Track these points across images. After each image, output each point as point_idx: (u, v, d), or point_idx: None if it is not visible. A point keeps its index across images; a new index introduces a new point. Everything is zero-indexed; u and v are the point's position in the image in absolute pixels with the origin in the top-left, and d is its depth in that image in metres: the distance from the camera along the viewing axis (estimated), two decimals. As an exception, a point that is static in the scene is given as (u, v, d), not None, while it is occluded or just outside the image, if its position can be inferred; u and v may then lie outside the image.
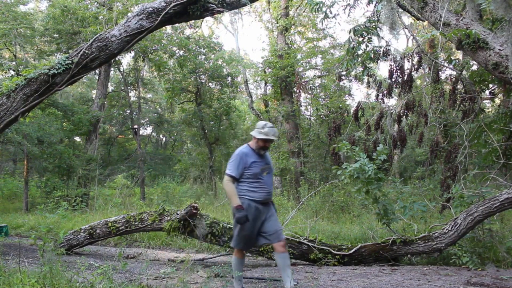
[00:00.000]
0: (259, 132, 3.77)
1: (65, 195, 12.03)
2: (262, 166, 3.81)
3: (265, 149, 3.84)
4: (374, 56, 7.08)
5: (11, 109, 5.81)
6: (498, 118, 6.90)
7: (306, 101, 16.71)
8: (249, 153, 3.81)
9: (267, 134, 3.74)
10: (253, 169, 3.76)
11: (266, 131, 3.75)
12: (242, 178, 3.79)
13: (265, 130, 3.75)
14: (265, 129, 3.75)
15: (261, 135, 3.75)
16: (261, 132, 3.76)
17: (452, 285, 4.10)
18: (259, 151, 3.81)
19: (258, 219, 3.77)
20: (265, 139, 3.77)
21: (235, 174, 3.75)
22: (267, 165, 3.88)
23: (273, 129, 3.79)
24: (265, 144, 3.79)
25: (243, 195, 3.77)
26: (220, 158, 18.17)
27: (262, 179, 3.81)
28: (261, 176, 3.80)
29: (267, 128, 3.76)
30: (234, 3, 6.97)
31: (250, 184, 3.78)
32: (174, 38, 15.10)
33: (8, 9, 13.20)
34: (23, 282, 3.19)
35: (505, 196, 4.62)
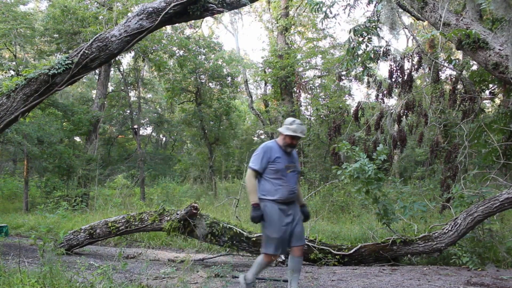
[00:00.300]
0: (287, 128, 3.62)
1: (65, 195, 12.02)
2: (287, 163, 3.66)
3: (292, 146, 3.69)
4: (374, 56, 7.09)
5: (11, 109, 5.81)
6: (498, 118, 6.90)
7: (306, 101, 16.71)
8: (274, 148, 3.68)
9: (295, 131, 3.60)
10: (277, 165, 3.62)
11: (294, 128, 3.60)
12: (265, 174, 3.64)
13: (293, 126, 3.60)
14: (293, 126, 3.60)
15: (289, 132, 3.60)
16: (289, 128, 3.61)
17: (452, 285, 4.10)
18: (286, 148, 3.67)
19: (285, 220, 3.59)
20: (293, 136, 3.62)
21: (258, 168, 3.61)
22: (292, 163, 3.72)
23: (301, 126, 3.64)
24: (292, 141, 3.65)
25: (264, 196, 3.62)
26: (220, 158, 18.19)
27: (285, 176, 3.64)
28: (284, 174, 3.64)
29: (295, 125, 3.61)
30: (234, 3, 6.97)
31: (272, 181, 3.62)
32: (174, 38, 15.10)
33: (8, 9, 13.20)
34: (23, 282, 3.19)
35: (505, 196, 4.62)
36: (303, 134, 3.64)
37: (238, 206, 8.45)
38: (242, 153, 20.10)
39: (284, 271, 4.98)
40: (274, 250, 3.55)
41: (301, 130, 3.62)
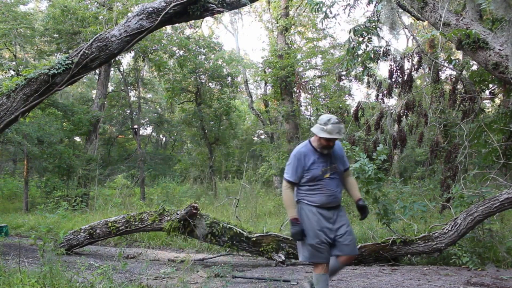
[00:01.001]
0: (321, 129, 3.12)
1: (65, 195, 12.02)
2: (323, 168, 3.21)
3: (329, 148, 3.20)
4: (374, 56, 7.09)
5: (11, 109, 5.81)
6: (498, 118, 6.90)
7: (306, 101, 16.73)
8: (308, 153, 3.22)
9: (330, 132, 3.09)
10: (312, 172, 3.19)
11: (330, 129, 3.09)
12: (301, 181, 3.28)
13: (329, 127, 3.09)
14: (328, 126, 3.09)
15: (324, 134, 3.10)
16: (323, 129, 3.11)
17: (452, 285, 4.10)
18: (322, 151, 3.20)
19: (323, 224, 3.18)
20: (328, 138, 3.13)
21: (294, 179, 3.21)
22: (332, 165, 3.25)
23: (338, 126, 3.11)
24: (328, 143, 3.15)
25: (301, 198, 3.29)
26: (220, 158, 18.18)
27: (323, 181, 3.21)
28: (321, 178, 3.21)
29: (330, 125, 3.09)
30: (234, 3, 6.97)
31: (309, 187, 3.24)
32: (174, 38, 15.10)
33: (8, 9, 13.20)
34: (23, 282, 3.19)
35: (505, 196, 4.62)
36: (340, 135, 3.14)
37: (238, 206, 8.45)
38: (242, 153, 20.11)
39: (284, 271, 4.99)
40: (308, 257, 3.18)
41: (338, 130, 3.11)
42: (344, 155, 3.40)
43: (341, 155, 3.36)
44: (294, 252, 5.52)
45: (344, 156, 3.40)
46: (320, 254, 3.14)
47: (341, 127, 3.15)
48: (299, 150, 3.27)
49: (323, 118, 3.17)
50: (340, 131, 3.12)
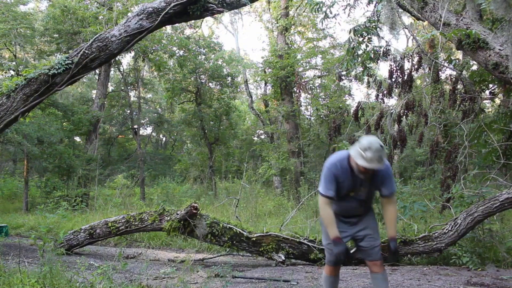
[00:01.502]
0: (360, 155, 2.74)
1: (65, 195, 12.02)
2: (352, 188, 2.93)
3: (367, 174, 2.83)
4: (374, 56, 7.09)
5: (11, 109, 5.81)
6: (498, 118, 6.90)
7: (306, 101, 16.75)
8: (344, 170, 2.89)
9: (369, 161, 2.71)
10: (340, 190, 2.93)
11: (369, 157, 2.70)
12: None
13: (368, 155, 2.70)
14: (368, 155, 2.70)
15: (361, 161, 2.73)
16: (362, 156, 2.73)
17: (452, 285, 4.10)
18: (358, 174, 2.85)
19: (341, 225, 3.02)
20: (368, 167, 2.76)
21: (332, 194, 2.88)
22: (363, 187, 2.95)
23: (378, 153, 2.70)
24: (366, 171, 2.79)
25: None
26: (220, 158, 18.17)
27: (345, 200, 2.98)
28: (344, 197, 2.97)
29: (370, 154, 2.69)
30: (234, 3, 6.97)
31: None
32: (174, 38, 15.09)
33: (8, 9, 13.20)
34: (23, 282, 3.19)
35: (505, 196, 4.62)
36: (381, 164, 2.75)
37: (238, 206, 8.45)
38: (242, 153, 20.10)
39: (284, 271, 4.98)
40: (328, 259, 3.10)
41: (378, 159, 2.71)
42: (388, 178, 2.93)
43: (384, 178, 2.92)
44: (294, 252, 5.52)
45: (387, 180, 2.93)
46: (329, 256, 3.08)
47: (383, 155, 2.75)
48: (335, 164, 2.94)
49: (364, 143, 2.76)
50: (381, 160, 2.75)
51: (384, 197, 2.97)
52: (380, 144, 2.75)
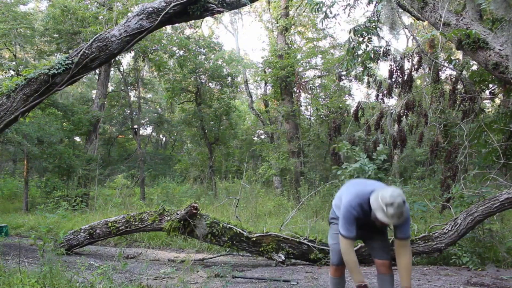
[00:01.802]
0: (381, 210, 2.69)
1: (65, 195, 12.01)
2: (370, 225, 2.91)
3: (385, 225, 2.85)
4: (374, 56, 7.09)
5: (11, 109, 5.81)
6: (498, 118, 6.90)
7: (306, 101, 16.74)
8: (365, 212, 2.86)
9: (390, 217, 2.68)
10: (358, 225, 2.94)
11: (390, 214, 2.67)
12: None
13: (390, 212, 2.66)
14: (389, 211, 2.66)
15: (382, 216, 2.70)
16: (384, 212, 2.68)
17: (452, 285, 4.10)
18: (376, 223, 2.84)
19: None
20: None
21: (354, 235, 2.87)
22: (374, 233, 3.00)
23: (400, 210, 2.66)
24: (384, 224, 2.79)
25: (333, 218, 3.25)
26: (220, 158, 18.17)
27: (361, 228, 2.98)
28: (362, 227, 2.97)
29: (392, 210, 2.66)
30: (234, 3, 6.97)
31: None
32: (174, 38, 15.09)
33: (8, 9, 13.19)
34: (23, 282, 3.19)
35: (505, 196, 4.62)
36: (400, 220, 2.73)
37: (238, 206, 8.45)
38: (242, 153, 20.10)
39: (284, 271, 4.98)
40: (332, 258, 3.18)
41: (399, 216, 2.69)
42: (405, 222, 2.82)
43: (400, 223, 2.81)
44: (294, 252, 5.52)
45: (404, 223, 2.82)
46: (333, 256, 3.12)
47: (403, 211, 2.69)
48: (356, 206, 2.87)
49: (386, 198, 2.69)
50: (401, 217, 2.70)
51: (397, 239, 2.88)
52: (402, 199, 2.68)
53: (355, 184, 3.14)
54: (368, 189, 2.89)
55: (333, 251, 3.14)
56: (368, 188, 2.91)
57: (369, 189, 2.88)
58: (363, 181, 3.25)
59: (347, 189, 3.11)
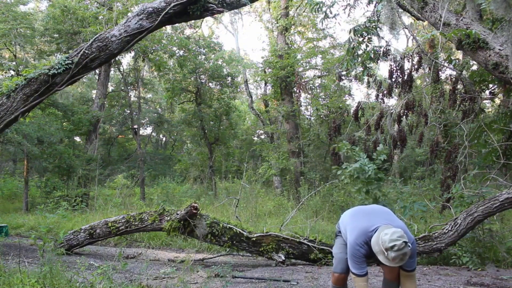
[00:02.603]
0: (382, 252, 2.66)
1: (65, 195, 12.02)
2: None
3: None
4: (374, 56, 7.09)
5: (11, 109, 5.81)
6: (498, 118, 6.90)
7: (306, 101, 16.74)
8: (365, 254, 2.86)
9: (392, 260, 2.64)
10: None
11: (392, 257, 2.61)
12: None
13: (391, 255, 2.61)
14: (391, 254, 2.60)
15: (383, 259, 2.68)
16: (384, 254, 2.65)
17: (452, 285, 4.10)
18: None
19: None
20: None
21: (366, 271, 2.88)
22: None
23: (402, 252, 2.59)
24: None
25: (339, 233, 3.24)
26: (220, 158, 18.17)
27: None
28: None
29: (394, 254, 2.60)
30: (234, 3, 6.97)
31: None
32: (174, 38, 15.09)
33: (8, 9, 13.20)
34: (23, 282, 3.19)
35: (505, 196, 4.62)
36: (404, 262, 2.68)
37: (238, 206, 8.45)
38: (242, 153, 20.10)
39: (284, 271, 4.98)
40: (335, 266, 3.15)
41: (402, 258, 2.62)
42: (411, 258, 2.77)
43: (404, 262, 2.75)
44: (294, 252, 5.52)
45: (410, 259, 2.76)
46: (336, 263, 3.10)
47: (406, 253, 2.61)
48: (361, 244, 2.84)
49: (386, 242, 2.63)
50: (404, 258, 2.63)
51: (403, 270, 2.84)
52: (404, 241, 2.59)
53: (359, 217, 3.06)
54: (372, 224, 2.85)
55: (337, 260, 3.13)
56: (372, 222, 2.86)
57: (373, 225, 2.83)
58: (367, 212, 3.14)
59: (352, 222, 3.06)
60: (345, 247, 3.01)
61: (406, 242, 2.60)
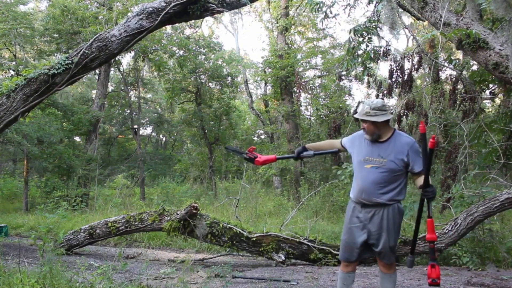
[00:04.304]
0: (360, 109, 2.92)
1: (65, 195, 12.01)
2: (366, 156, 2.88)
3: (369, 133, 2.87)
4: (374, 56, 7.08)
5: (11, 109, 5.81)
6: (498, 118, 6.90)
7: (306, 101, 16.74)
8: (360, 136, 3.02)
9: (359, 113, 2.87)
10: (353, 157, 3.02)
11: (360, 109, 2.87)
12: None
13: (359, 108, 2.89)
14: (359, 107, 3.10)
15: (356, 115, 2.93)
16: (357, 111, 2.93)
17: (452, 285, 4.10)
18: (366, 135, 2.92)
19: (353, 220, 2.95)
20: (363, 120, 2.87)
21: (341, 139, 3.25)
22: (380, 157, 2.82)
23: (368, 106, 2.82)
24: (364, 125, 2.89)
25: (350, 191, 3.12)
26: (220, 158, 18.17)
27: (361, 172, 2.90)
28: (362, 168, 2.90)
29: (361, 105, 2.89)
30: (234, 3, 6.97)
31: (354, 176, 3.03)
32: (174, 38, 15.10)
33: (8, 9, 13.19)
34: (23, 282, 3.19)
35: (505, 196, 4.62)
36: (370, 117, 2.79)
37: (238, 206, 8.45)
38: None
39: (284, 271, 4.98)
40: (340, 253, 3.07)
41: (367, 112, 2.81)
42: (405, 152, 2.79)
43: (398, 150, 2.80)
44: (294, 252, 5.52)
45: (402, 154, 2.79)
46: (349, 252, 2.98)
47: (371, 108, 2.79)
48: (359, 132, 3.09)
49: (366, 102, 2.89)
50: (368, 113, 2.78)
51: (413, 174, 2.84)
52: (380, 101, 2.83)
53: None
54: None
55: (340, 246, 3.09)
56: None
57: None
58: None
59: None
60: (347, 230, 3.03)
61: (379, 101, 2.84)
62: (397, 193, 2.84)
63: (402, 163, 2.80)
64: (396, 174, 2.82)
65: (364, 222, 2.89)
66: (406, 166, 2.82)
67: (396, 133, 2.91)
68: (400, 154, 2.80)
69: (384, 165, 2.81)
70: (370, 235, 2.88)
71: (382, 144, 2.86)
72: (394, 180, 2.83)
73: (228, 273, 4.57)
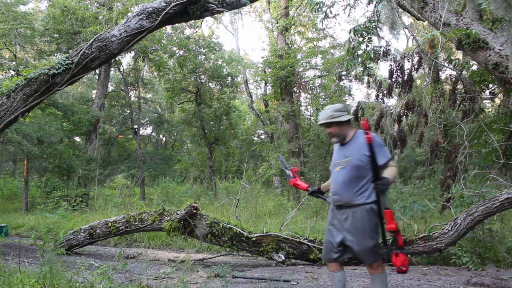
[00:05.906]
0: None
1: (65, 195, 12.02)
2: (337, 160, 3.06)
3: (332, 136, 3.07)
4: (374, 56, 7.08)
5: (11, 109, 5.81)
6: (498, 118, 6.90)
7: (306, 101, 16.73)
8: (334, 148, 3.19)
9: (324, 118, 3.06)
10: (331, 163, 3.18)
11: (323, 115, 3.07)
12: None
13: (321, 115, 3.10)
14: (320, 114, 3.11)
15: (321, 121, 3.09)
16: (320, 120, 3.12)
17: (452, 285, 4.10)
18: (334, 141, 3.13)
19: (332, 224, 3.06)
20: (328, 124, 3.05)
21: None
22: (345, 158, 2.98)
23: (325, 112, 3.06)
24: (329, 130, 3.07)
25: None
26: (220, 158, 18.17)
27: (333, 175, 3.08)
28: (333, 174, 3.08)
29: (322, 112, 3.10)
30: (234, 3, 6.97)
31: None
32: (174, 38, 15.10)
33: (8, 9, 13.20)
34: (23, 282, 3.19)
35: (505, 196, 4.62)
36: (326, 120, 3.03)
37: (238, 206, 8.45)
38: (242, 153, 20.11)
39: (284, 271, 4.98)
40: (322, 253, 3.17)
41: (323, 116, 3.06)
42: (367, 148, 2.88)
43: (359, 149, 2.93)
44: (294, 252, 5.52)
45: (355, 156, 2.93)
46: (327, 251, 3.06)
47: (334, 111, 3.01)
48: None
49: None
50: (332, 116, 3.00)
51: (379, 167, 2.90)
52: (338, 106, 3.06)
53: None
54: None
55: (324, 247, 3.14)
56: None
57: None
58: None
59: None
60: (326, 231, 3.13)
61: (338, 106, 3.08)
62: (368, 194, 2.90)
63: (367, 158, 2.90)
64: (363, 170, 2.91)
65: (341, 223, 2.98)
66: (372, 161, 2.89)
67: (358, 132, 3.05)
68: (363, 150, 2.91)
69: (350, 163, 2.94)
70: (346, 237, 2.94)
71: (346, 145, 3.04)
72: (362, 176, 2.91)
73: (228, 273, 4.57)
